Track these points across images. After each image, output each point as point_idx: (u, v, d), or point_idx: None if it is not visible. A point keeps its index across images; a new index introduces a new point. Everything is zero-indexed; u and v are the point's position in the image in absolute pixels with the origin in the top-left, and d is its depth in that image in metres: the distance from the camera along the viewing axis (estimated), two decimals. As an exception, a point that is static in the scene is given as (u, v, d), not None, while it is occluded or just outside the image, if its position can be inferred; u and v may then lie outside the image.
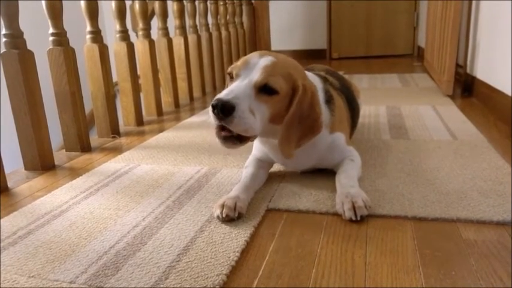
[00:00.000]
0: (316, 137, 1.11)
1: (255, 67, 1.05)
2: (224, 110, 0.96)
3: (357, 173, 1.18)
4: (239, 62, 1.08)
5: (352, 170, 1.17)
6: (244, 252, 0.89)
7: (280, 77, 1.04)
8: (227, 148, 1.07)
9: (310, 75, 1.23)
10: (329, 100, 1.21)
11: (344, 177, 1.12)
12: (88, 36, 1.86)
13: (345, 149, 1.24)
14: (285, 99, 1.07)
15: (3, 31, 1.42)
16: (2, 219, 1.09)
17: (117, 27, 2.07)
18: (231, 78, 1.09)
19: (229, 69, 1.10)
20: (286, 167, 1.30)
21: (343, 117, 1.30)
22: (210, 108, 0.99)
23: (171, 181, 1.30)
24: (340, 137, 1.23)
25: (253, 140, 1.09)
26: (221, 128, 1.02)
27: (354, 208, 0.99)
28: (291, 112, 1.05)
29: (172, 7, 2.65)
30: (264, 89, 1.03)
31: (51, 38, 1.64)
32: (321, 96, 1.17)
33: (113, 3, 2.04)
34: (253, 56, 1.08)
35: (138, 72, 2.20)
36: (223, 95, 0.99)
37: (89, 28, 1.86)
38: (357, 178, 1.15)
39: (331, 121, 1.20)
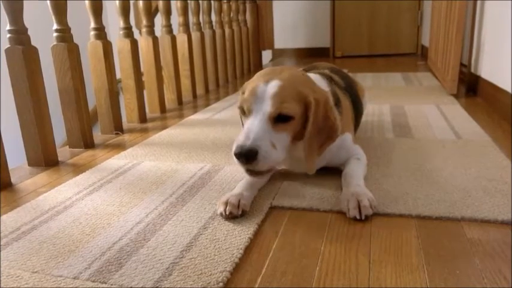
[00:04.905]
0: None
1: (265, 97, 1.02)
2: (248, 157, 0.96)
3: (363, 172, 1.18)
4: (247, 95, 1.05)
5: (358, 168, 1.17)
6: (248, 249, 0.89)
7: (291, 100, 1.02)
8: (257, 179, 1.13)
9: (315, 77, 1.22)
10: (337, 103, 1.20)
11: (350, 176, 1.12)
12: (92, 32, 1.86)
13: (352, 148, 1.25)
14: (301, 119, 1.05)
15: (8, 27, 1.42)
16: (5, 215, 1.10)
17: (121, 24, 2.07)
18: (243, 113, 1.08)
19: (239, 104, 1.08)
20: (294, 169, 1.29)
21: (349, 117, 1.30)
22: (233, 157, 0.98)
23: (174, 178, 1.30)
24: (348, 137, 1.23)
25: (276, 167, 1.09)
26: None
27: (359, 207, 0.99)
28: (309, 130, 1.04)
29: (175, 4, 2.65)
30: (279, 118, 1.02)
31: (55, 34, 1.64)
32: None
33: (117, 0, 2.04)
34: (259, 84, 1.04)
35: (142, 69, 2.20)
36: (242, 139, 0.98)
37: (92, 25, 1.86)
38: (362, 177, 1.15)
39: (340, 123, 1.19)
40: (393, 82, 3.04)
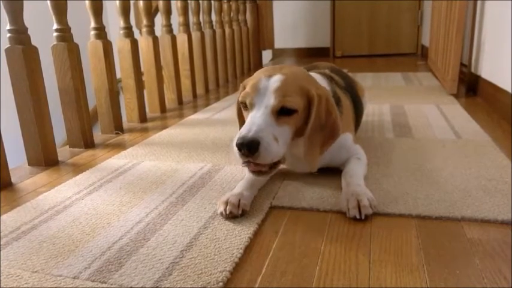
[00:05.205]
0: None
1: (267, 91, 1.02)
2: (251, 148, 0.95)
3: (363, 172, 1.18)
4: (249, 89, 1.05)
5: (358, 168, 1.17)
6: (248, 249, 0.89)
7: (294, 94, 1.03)
8: (260, 177, 1.12)
9: (316, 76, 1.22)
10: (337, 102, 1.20)
11: (350, 176, 1.12)
12: (92, 32, 1.86)
13: (352, 148, 1.25)
14: (303, 113, 1.06)
15: (8, 26, 1.42)
16: (5, 215, 1.10)
17: (121, 23, 2.07)
18: (245, 107, 1.08)
19: (240, 99, 1.08)
20: (295, 169, 1.29)
21: (350, 117, 1.29)
22: (235, 148, 0.97)
23: (174, 178, 1.30)
24: (348, 137, 1.23)
25: (281, 164, 1.07)
26: (249, 166, 1.02)
27: (359, 207, 0.99)
28: (310, 125, 1.04)
29: (176, 4, 2.65)
30: (282, 111, 1.02)
31: (55, 34, 1.64)
32: None
33: (117, 0, 2.04)
34: (261, 79, 1.05)
35: (142, 69, 2.20)
36: (245, 131, 0.97)
37: (93, 24, 1.86)
38: (362, 176, 1.15)
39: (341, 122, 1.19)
40: (393, 82, 3.04)
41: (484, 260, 0.81)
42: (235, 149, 0.98)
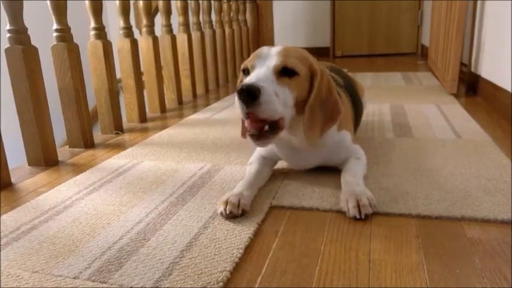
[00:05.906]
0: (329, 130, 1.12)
1: (269, 55, 1.05)
2: (251, 93, 0.95)
3: (363, 171, 1.18)
4: (251, 57, 1.09)
5: (358, 168, 1.17)
6: (248, 249, 0.89)
7: (296, 59, 1.05)
8: (261, 146, 1.10)
9: None
10: None
11: (349, 175, 1.12)
12: (92, 32, 1.86)
13: (351, 147, 1.24)
14: (305, 81, 1.07)
15: (8, 27, 1.42)
16: (5, 215, 1.10)
17: (121, 23, 2.07)
18: (247, 74, 1.08)
19: (242, 66, 1.10)
20: (292, 165, 1.29)
21: (349, 116, 1.30)
22: (236, 96, 0.97)
23: (174, 178, 1.30)
24: (347, 135, 1.23)
25: (282, 129, 1.05)
26: (249, 122, 1.01)
27: (358, 206, 0.99)
28: (313, 95, 1.06)
29: (175, 4, 2.65)
30: (283, 72, 1.03)
31: (55, 34, 1.64)
32: None
33: (117, 0, 2.04)
34: (263, 49, 1.08)
35: (142, 69, 2.20)
36: (247, 80, 0.99)
37: (92, 24, 1.86)
38: (362, 176, 1.15)
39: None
40: (393, 82, 3.04)
41: (484, 259, 0.81)
42: (236, 98, 0.97)
